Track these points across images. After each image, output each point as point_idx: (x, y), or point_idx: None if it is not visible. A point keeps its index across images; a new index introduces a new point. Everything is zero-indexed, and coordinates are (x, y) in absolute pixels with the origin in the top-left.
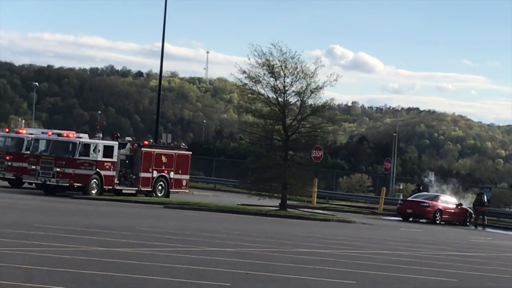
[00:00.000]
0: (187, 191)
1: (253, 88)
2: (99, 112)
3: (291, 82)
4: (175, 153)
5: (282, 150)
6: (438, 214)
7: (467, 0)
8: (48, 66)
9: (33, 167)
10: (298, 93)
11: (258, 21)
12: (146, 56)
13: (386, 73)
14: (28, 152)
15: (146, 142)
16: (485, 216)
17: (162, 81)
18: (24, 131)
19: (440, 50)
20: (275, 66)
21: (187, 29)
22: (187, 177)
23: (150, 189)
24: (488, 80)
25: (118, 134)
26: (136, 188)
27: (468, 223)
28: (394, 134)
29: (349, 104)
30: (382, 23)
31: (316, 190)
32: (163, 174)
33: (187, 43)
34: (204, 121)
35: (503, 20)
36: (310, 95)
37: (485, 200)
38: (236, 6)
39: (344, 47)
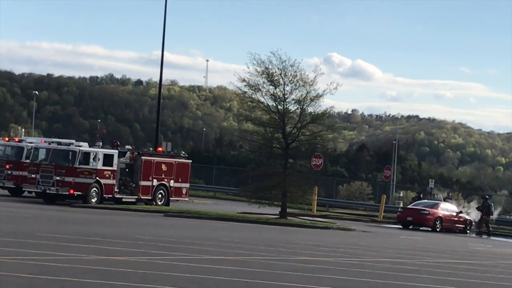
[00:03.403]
0: (187, 199)
1: (253, 96)
2: (99, 120)
3: (291, 90)
4: (175, 161)
5: (282, 158)
6: (438, 222)
7: (464, 7)
8: (48, 74)
9: (33, 175)
10: (298, 101)
11: (255, 29)
12: (145, 64)
13: (384, 80)
14: (28, 160)
15: (159, 149)
16: (489, 224)
17: (162, 89)
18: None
19: (437, 57)
20: (274, 74)
21: (185, 38)
22: (187, 185)
23: (150, 198)
24: (486, 88)
25: (118, 143)
26: (136, 197)
27: (468, 231)
28: (394, 142)
29: (349, 112)
30: (379, 31)
31: (316, 198)
32: (163, 182)
33: (186, 51)
34: (204, 129)
35: (500, 28)
36: (310, 103)
37: (493, 210)
38: (232, 14)
39: (341, 54)
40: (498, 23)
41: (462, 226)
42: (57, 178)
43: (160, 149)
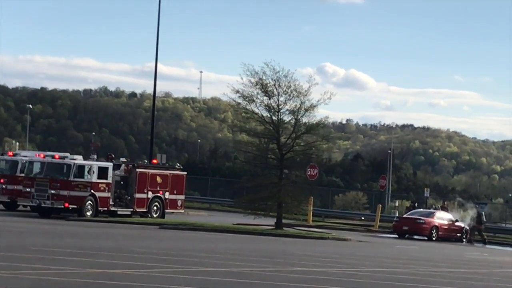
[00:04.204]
0: (182, 211)
1: (247, 107)
2: (93, 133)
3: (285, 100)
4: (170, 173)
5: (277, 168)
6: (434, 230)
7: (457, 16)
8: (42, 88)
9: (28, 189)
10: (292, 112)
11: (248, 40)
12: (138, 76)
13: (378, 90)
14: (22, 174)
15: (154, 161)
16: (482, 233)
17: (156, 101)
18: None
19: (431, 66)
20: (268, 85)
21: (178, 49)
22: (182, 197)
23: (145, 210)
24: (480, 96)
25: (113, 155)
26: (131, 209)
27: (464, 240)
28: (389, 151)
29: (343, 121)
30: (372, 40)
31: (311, 208)
32: (158, 194)
33: (179, 63)
34: (199, 140)
35: (493, 36)
36: (304, 113)
37: (484, 219)
38: (225, 26)
39: (335, 64)
40: (491, 31)
41: (458, 234)
42: (52, 191)
43: (155, 161)
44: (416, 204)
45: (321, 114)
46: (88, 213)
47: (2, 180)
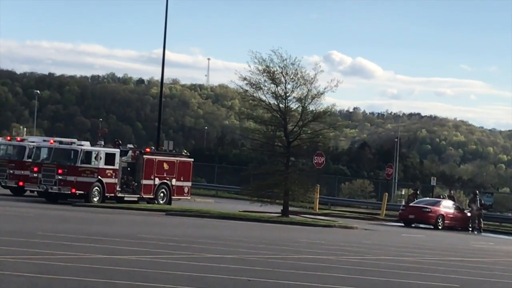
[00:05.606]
0: (189, 198)
1: (254, 94)
2: (101, 119)
3: (292, 88)
4: (177, 160)
5: (284, 156)
6: (440, 219)
7: (464, 5)
8: (49, 74)
9: (35, 175)
10: (299, 99)
11: (255, 27)
12: (145, 63)
13: (385, 78)
14: (30, 160)
15: (147, 149)
16: (481, 219)
17: (163, 88)
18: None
19: (437, 55)
20: (275, 72)
21: (185, 36)
22: (189, 184)
23: (152, 196)
24: (486, 85)
25: (120, 142)
26: (138, 196)
27: (470, 229)
28: (396, 140)
29: (351, 110)
30: (379, 28)
31: (318, 196)
32: (165, 181)
33: (186, 49)
34: (206, 127)
35: (500, 25)
36: (311, 101)
37: (477, 203)
38: (233, 12)
39: (342, 52)
40: (498, 20)
41: (464, 223)
42: (59, 177)
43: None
44: (418, 192)
45: (328, 102)
46: (95, 199)
47: (9, 166)
